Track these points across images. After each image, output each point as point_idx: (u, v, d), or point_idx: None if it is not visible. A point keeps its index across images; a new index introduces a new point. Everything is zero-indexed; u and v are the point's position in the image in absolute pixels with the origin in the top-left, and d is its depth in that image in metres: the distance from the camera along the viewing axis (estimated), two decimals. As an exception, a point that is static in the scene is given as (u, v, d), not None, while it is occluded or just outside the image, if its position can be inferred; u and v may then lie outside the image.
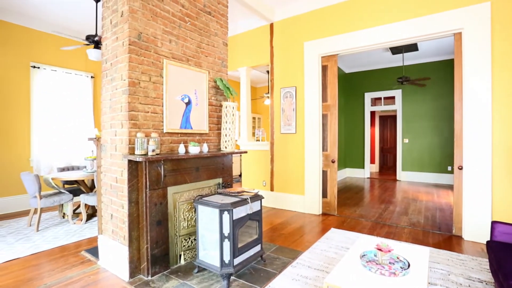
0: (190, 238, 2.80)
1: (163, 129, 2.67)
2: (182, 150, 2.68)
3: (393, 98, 8.20)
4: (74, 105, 5.46)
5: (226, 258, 2.29)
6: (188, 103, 2.88)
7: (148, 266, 2.42)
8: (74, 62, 5.53)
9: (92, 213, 4.32)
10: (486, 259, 2.74)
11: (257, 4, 4.41)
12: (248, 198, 2.47)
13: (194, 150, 2.70)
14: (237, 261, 2.35)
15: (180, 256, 2.70)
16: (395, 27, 3.74)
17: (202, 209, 2.44)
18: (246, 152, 3.26)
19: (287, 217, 4.34)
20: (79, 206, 4.66)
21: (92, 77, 5.73)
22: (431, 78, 7.29)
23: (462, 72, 3.37)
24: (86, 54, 5.65)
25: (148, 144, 2.39)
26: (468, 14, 3.27)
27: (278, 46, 4.91)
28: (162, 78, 2.66)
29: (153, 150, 2.37)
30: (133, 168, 2.43)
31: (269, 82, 5.48)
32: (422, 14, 3.56)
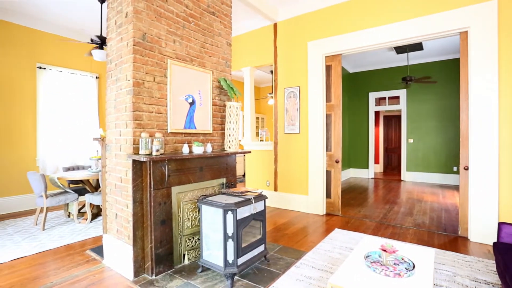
0: (194, 238, 2.81)
1: (167, 129, 2.68)
2: (186, 150, 2.69)
3: (397, 98, 8.14)
4: (79, 105, 5.51)
5: (230, 258, 2.29)
6: (192, 103, 2.89)
7: (152, 266, 2.43)
8: (79, 63, 5.58)
9: (97, 212, 4.36)
10: (492, 261, 2.70)
11: (260, 4, 4.41)
12: (251, 198, 2.48)
13: (198, 150, 2.71)
14: (240, 261, 2.35)
15: (184, 255, 2.71)
16: (400, 27, 3.71)
17: (206, 209, 2.45)
18: (249, 152, 3.26)
19: (291, 217, 4.33)
20: (84, 206, 4.70)
21: (97, 77, 5.78)
22: (436, 78, 7.23)
23: (468, 71, 3.33)
24: (91, 55, 5.70)
25: (152, 144, 2.40)
26: (474, 13, 3.23)
27: (282, 46, 4.90)
28: (166, 78, 2.67)
29: (157, 150, 2.38)
30: (137, 168, 2.44)
31: (272, 82, 5.48)
32: (427, 13, 3.53)
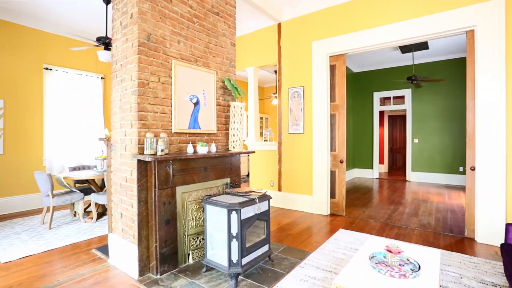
0: (198, 238, 2.82)
1: (172, 129, 2.69)
2: (190, 150, 2.70)
3: (402, 97, 8.07)
4: (85, 105, 5.57)
5: (234, 258, 2.29)
6: (196, 103, 2.90)
7: (157, 265, 2.45)
8: (85, 64, 5.64)
9: (102, 211, 4.39)
10: (500, 263, 2.67)
11: (264, 4, 4.41)
12: (256, 198, 2.48)
13: (202, 150, 2.72)
14: (245, 261, 2.35)
15: (188, 255, 2.72)
16: (405, 26, 3.68)
17: (210, 208, 2.46)
18: (254, 152, 3.26)
19: (295, 217, 4.32)
20: (90, 205, 4.74)
21: (102, 78, 5.83)
22: (442, 77, 7.15)
23: (475, 70, 3.29)
24: (96, 56, 5.76)
25: (157, 144, 2.42)
26: (481, 11, 3.19)
27: (286, 46, 4.89)
28: (171, 78, 2.68)
29: (162, 150, 2.39)
30: (142, 167, 2.46)
31: (276, 82, 5.47)
32: (433, 11, 3.50)
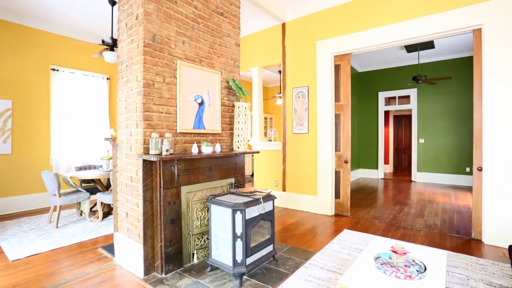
0: (203, 237, 2.83)
1: (177, 129, 2.71)
2: (195, 150, 2.71)
3: (408, 97, 8.00)
4: (91, 106, 5.63)
5: (239, 258, 2.30)
6: (201, 104, 2.91)
7: (162, 264, 2.47)
8: (91, 64, 5.70)
9: (108, 211, 4.44)
10: (508, 265, 2.63)
11: (269, 4, 4.41)
12: (260, 198, 2.48)
13: (207, 150, 2.73)
14: (249, 260, 2.36)
15: (193, 254, 2.74)
16: (410, 25, 3.65)
17: (215, 208, 2.46)
18: (258, 152, 3.26)
19: (299, 217, 4.31)
20: (96, 204, 4.79)
21: (107, 78, 5.89)
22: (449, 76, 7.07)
23: (482, 70, 3.25)
24: (102, 56, 5.81)
25: (162, 144, 2.44)
26: (488, 10, 3.15)
27: (290, 45, 4.89)
28: (176, 79, 2.70)
29: (167, 150, 2.41)
30: (147, 167, 2.48)
31: (281, 82, 5.47)
32: (439, 10, 3.46)
